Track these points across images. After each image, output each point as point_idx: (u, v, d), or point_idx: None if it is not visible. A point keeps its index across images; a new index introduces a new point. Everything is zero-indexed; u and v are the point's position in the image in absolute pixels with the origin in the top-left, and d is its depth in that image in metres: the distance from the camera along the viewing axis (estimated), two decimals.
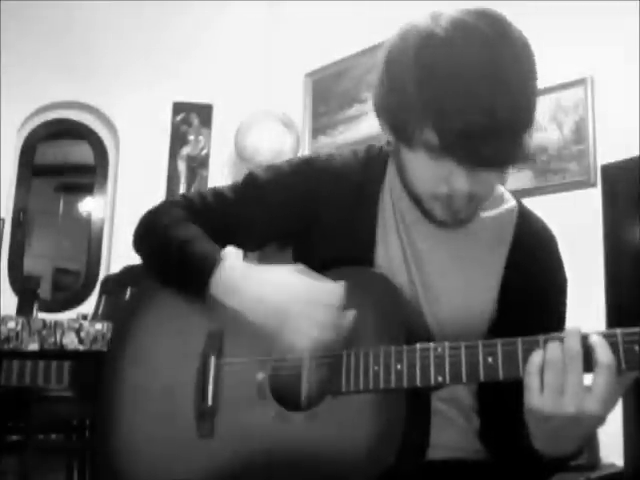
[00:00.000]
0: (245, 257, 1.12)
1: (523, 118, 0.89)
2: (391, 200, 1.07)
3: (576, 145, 2.88)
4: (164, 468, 1.02)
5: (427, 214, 1.00)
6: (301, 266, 0.99)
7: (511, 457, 0.98)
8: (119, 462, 1.06)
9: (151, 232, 1.13)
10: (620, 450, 2.23)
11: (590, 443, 2.27)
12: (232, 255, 1.02)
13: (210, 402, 1.00)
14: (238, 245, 1.18)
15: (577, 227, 2.63)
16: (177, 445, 1.01)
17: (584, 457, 2.27)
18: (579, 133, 2.88)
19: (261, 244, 1.18)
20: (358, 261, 1.02)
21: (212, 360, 1.03)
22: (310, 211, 1.08)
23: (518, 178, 2.95)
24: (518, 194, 1.16)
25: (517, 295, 1.03)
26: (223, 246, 1.14)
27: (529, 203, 1.13)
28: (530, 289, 1.03)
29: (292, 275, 0.96)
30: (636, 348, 0.76)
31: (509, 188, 1.13)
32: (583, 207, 2.75)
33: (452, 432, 1.03)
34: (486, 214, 1.06)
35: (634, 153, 2.48)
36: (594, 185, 2.76)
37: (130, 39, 4.24)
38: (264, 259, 1.17)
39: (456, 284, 1.04)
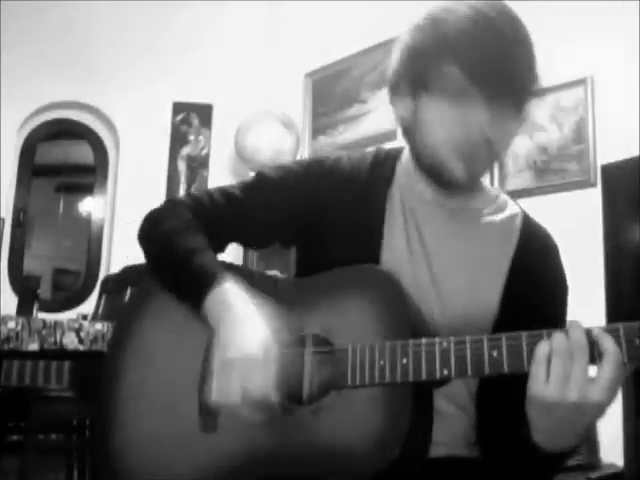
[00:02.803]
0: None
1: (533, 57, 1.00)
2: (400, 198, 1.10)
3: (576, 145, 2.87)
4: (167, 465, 1.02)
5: (443, 181, 1.03)
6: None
7: (508, 454, 0.98)
8: (120, 461, 1.06)
9: (155, 235, 1.14)
10: (620, 450, 2.23)
11: (588, 441, 2.27)
12: (229, 276, 1.03)
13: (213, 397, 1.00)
14: (244, 243, 1.22)
15: (577, 227, 2.63)
16: (180, 441, 1.00)
17: (583, 457, 2.27)
18: (579, 133, 2.87)
19: (267, 243, 1.20)
20: (364, 259, 1.02)
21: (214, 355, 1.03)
22: (317, 211, 1.10)
23: (518, 178, 2.95)
24: (518, 194, 1.18)
25: (519, 297, 1.05)
26: (228, 243, 1.17)
27: (529, 203, 1.15)
28: (532, 292, 1.05)
29: (261, 329, 0.96)
30: (637, 341, 0.77)
31: (509, 188, 1.14)
32: (583, 207, 2.75)
33: (453, 429, 1.03)
34: (492, 217, 1.10)
35: (634, 153, 2.48)
36: (594, 185, 2.76)
37: (130, 39, 4.24)
38: (264, 259, 1.18)
39: (463, 282, 1.05)
